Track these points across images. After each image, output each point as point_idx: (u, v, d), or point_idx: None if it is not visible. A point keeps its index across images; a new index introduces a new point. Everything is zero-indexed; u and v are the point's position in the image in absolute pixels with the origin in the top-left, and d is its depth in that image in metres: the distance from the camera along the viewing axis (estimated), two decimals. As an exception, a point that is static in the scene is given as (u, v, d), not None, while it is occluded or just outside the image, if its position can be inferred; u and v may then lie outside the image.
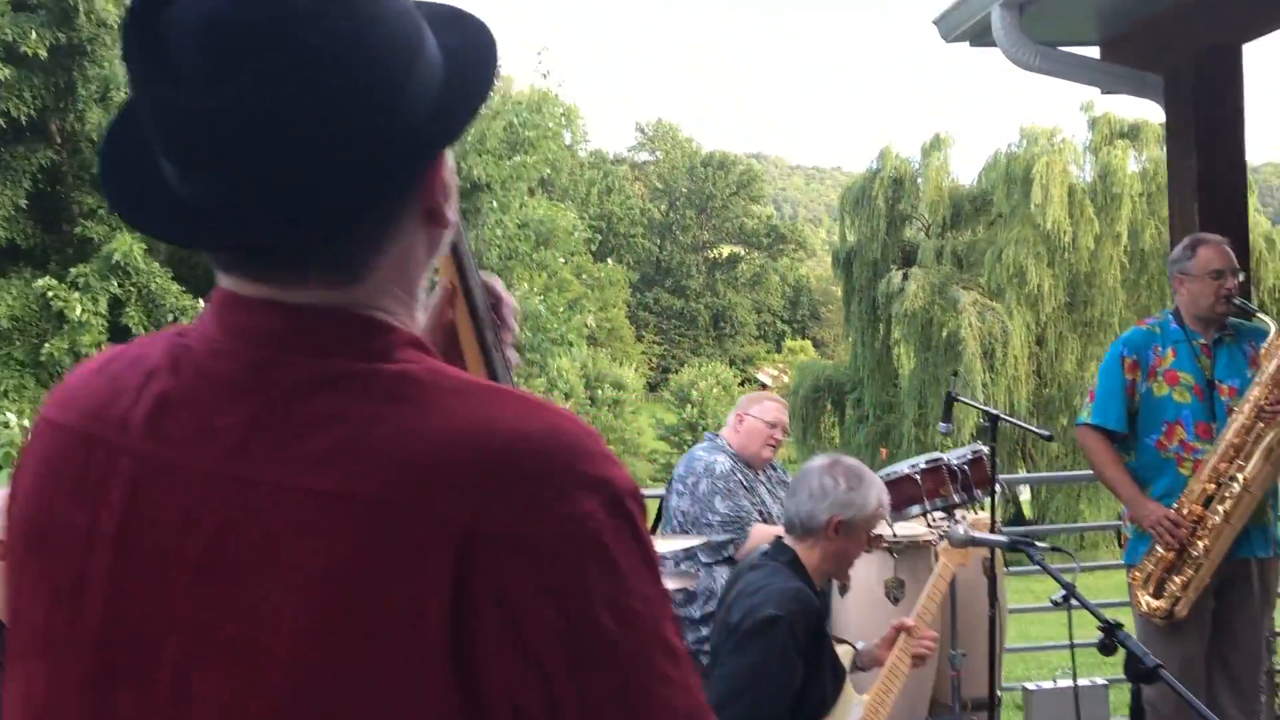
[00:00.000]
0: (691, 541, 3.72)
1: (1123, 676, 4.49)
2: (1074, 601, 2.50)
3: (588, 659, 0.77)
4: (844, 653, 2.91)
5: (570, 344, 13.05)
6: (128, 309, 10.47)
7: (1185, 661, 3.70)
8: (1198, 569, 3.57)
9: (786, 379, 37.36)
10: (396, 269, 0.86)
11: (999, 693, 4.30)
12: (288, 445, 0.78)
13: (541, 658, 0.76)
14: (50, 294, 9.90)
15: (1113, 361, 3.82)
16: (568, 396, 37.85)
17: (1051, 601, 2.62)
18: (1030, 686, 4.74)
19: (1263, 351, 3.59)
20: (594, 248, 51.36)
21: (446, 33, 0.88)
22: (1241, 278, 3.75)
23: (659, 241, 55.66)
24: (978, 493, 3.74)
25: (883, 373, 22.85)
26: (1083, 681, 4.81)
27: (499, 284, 1.25)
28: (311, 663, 0.75)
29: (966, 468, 3.75)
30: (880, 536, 2.97)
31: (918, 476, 3.65)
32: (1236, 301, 3.65)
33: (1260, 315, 3.65)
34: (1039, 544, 2.73)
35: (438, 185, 0.87)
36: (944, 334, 20.37)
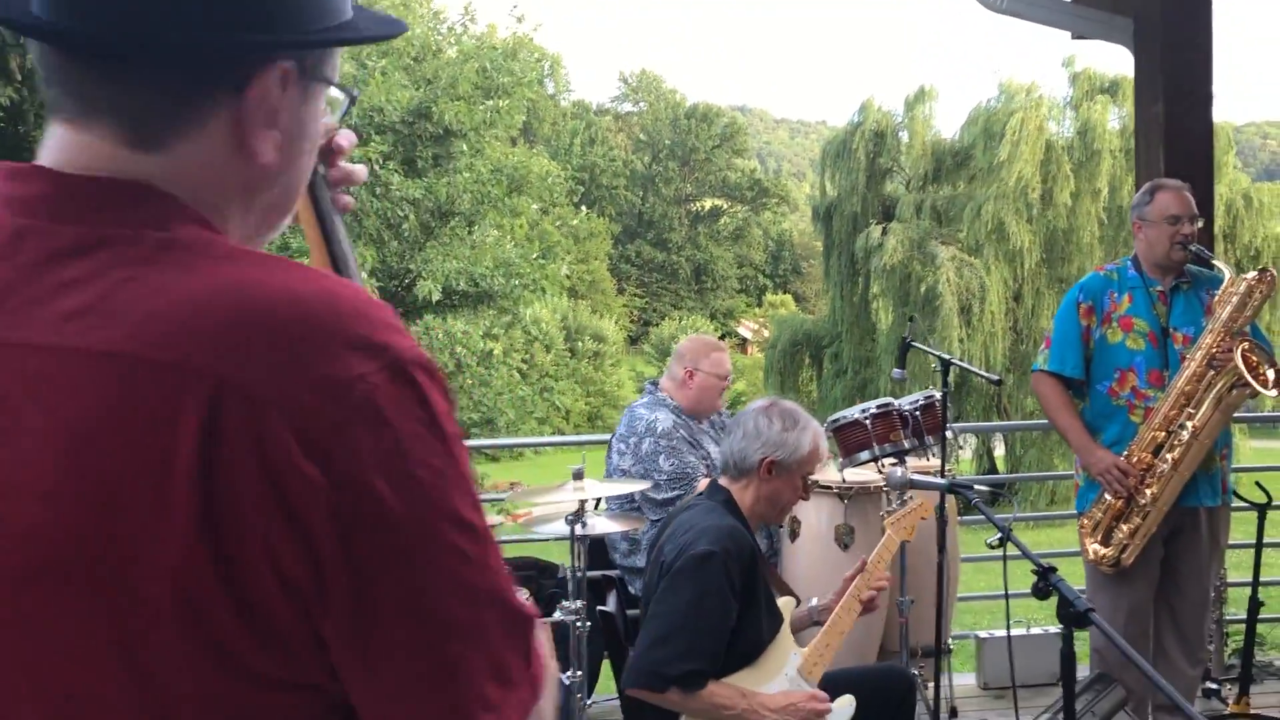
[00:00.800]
0: (636, 486, 3.67)
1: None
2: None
3: (360, 526, 0.73)
4: (787, 603, 2.86)
5: (544, 290, 12.92)
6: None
7: (1132, 609, 3.70)
8: (1145, 517, 3.55)
9: (767, 333, 37.31)
10: (200, 170, 0.82)
11: (950, 641, 4.31)
12: (37, 307, 0.75)
13: (306, 522, 0.72)
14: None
15: (1069, 307, 3.77)
16: (548, 348, 37.92)
17: (987, 545, 2.58)
18: (983, 635, 4.74)
19: (1216, 298, 3.55)
20: (576, 199, 51.17)
21: None
22: (1201, 224, 3.69)
23: (641, 194, 55.30)
24: (929, 439, 3.69)
25: (861, 327, 22.80)
26: (1037, 630, 4.83)
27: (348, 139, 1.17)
28: (52, 526, 0.72)
29: (918, 413, 3.70)
30: (817, 483, 2.91)
31: (867, 421, 3.60)
32: (1193, 248, 3.59)
33: (1217, 262, 3.59)
34: (979, 488, 2.68)
35: (254, 108, 0.83)
36: (922, 289, 20.30)
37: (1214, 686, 4.39)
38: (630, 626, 2.70)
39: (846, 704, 2.66)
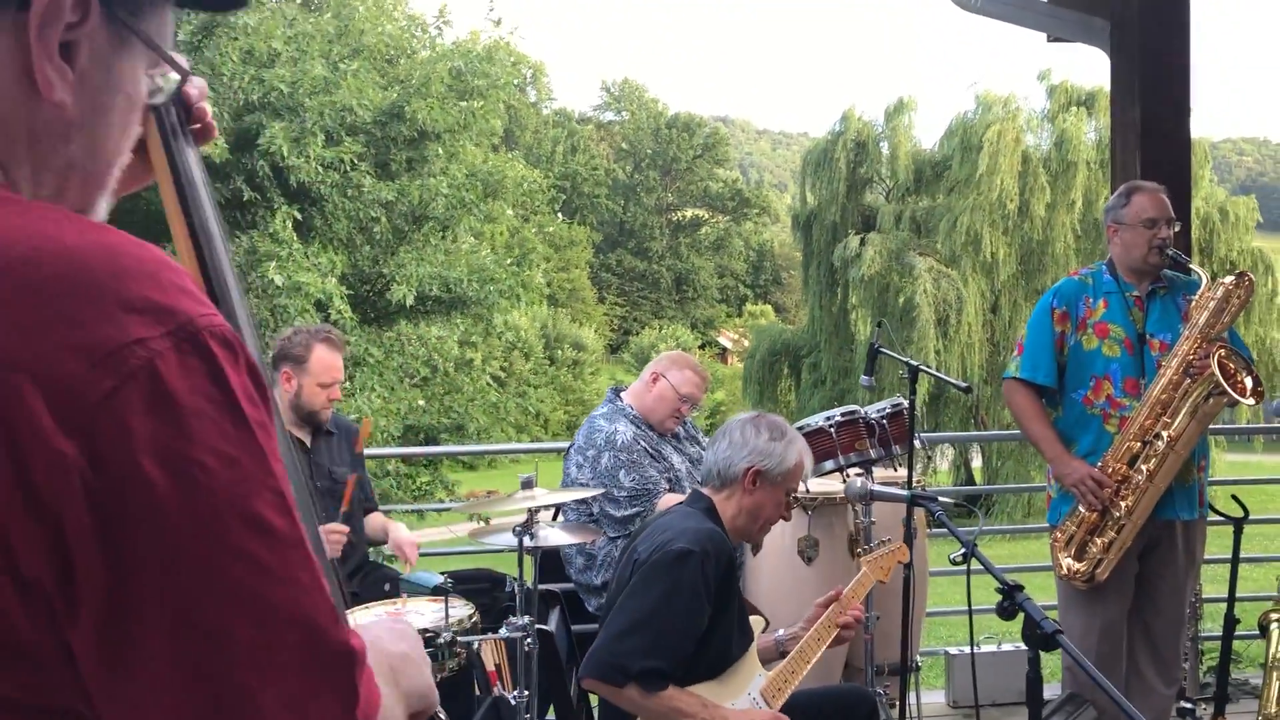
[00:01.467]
0: (589, 492, 3.52)
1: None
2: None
3: (124, 519, 0.60)
4: (756, 622, 2.73)
5: (518, 297, 12.75)
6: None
7: (1106, 626, 3.57)
8: (1120, 530, 3.42)
9: (747, 343, 37.28)
10: None
11: (917, 658, 4.16)
12: None
13: (56, 510, 0.59)
14: None
15: (1042, 313, 3.64)
16: (527, 356, 37.76)
17: (950, 561, 2.45)
18: (953, 651, 4.61)
19: (1193, 304, 3.43)
20: (558, 206, 51.01)
21: None
22: (1178, 228, 3.57)
23: (623, 203, 55.20)
24: (896, 448, 3.55)
25: (840, 337, 22.73)
26: (1009, 646, 4.71)
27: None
28: None
29: (885, 422, 3.56)
30: (798, 499, 2.78)
31: (832, 430, 3.45)
32: (1170, 252, 3.47)
33: (1194, 267, 3.47)
34: (944, 500, 2.55)
35: (42, 28, 0.69)
36: (900, 300, 20.26)
37: (1189, 706, 4.26)
38: (575, 647, 2.55)
39: (759, 673, 2.53)
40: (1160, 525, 3.51)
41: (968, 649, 4.57)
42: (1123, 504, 3.40)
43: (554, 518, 4.30)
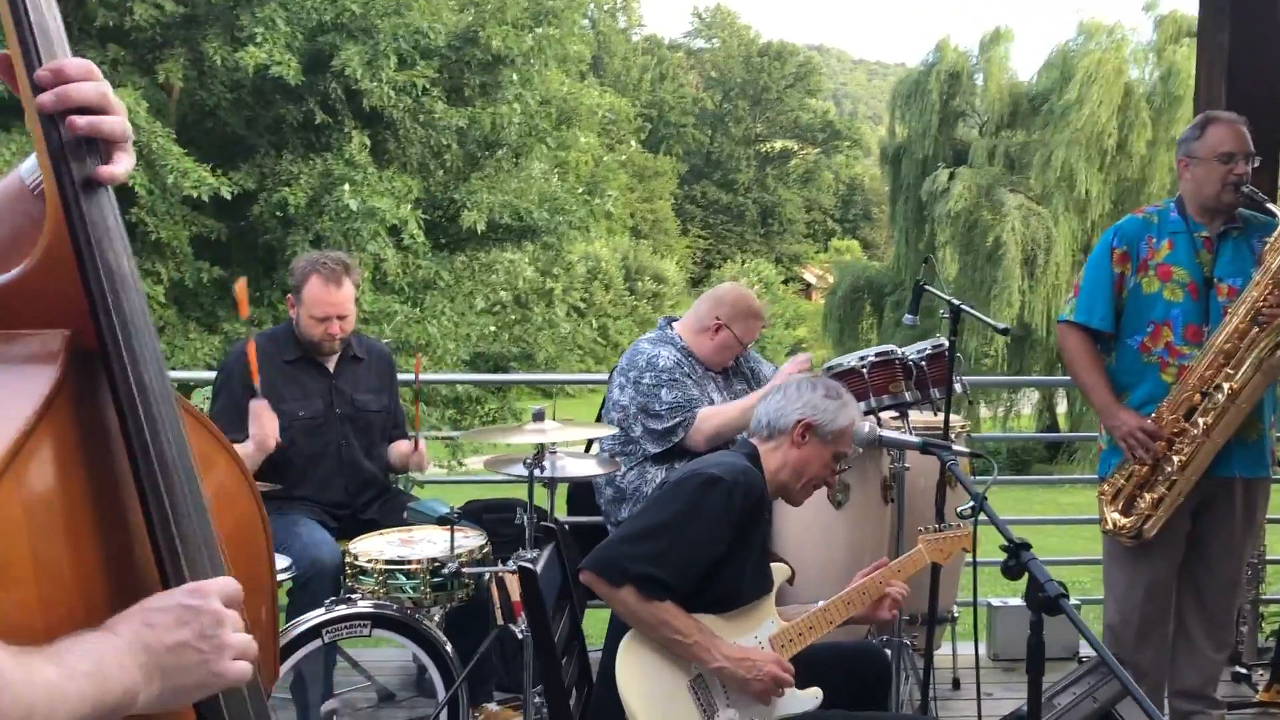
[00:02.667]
0: (601, 431, 3.44)
1: (1094, 597, 4.19)
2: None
3: None
4: (780, 569, 2.62)
5: (588, 229, 12.61)
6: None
7: (1151, 586, 3.38)
8: (1171, 486, 3.21)
9: (830, 279, 36.73)
10: None
11: (954, 609, 4.02)
12: None
13: None
14: (49, 152, 9.64)
15: (1101, 253, 3.40)
16: (608, 287, 37.72)
17: (958, 515, 2.30)
18: (995, 603, 4.45)
19: (1267, 246, 3.15)
20: (644, 136, 50.47)
21: None
22: (1258, 163, 3.28)
23: (710, 133, 54.41)
24: (935, 392, 3.37)
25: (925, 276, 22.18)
26: (1054, 600, 4.52)
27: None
28: None
29: (924, 363, 3.37)
30: (844, 471, 2.65)
31: (865, 370, 3.28)
32: (1245, 189, 3.19)
33: (1273, 206, 3.18)
34: (958, 448, 2.39)
35: None
36: (988, 239, 19.64)
37: (1244, 671, 4.06)
38: (570, 580, 2.47)
39: (811, 696, 2.42)
40: (1217, 483, 3.28)
41: (1011, 601, 4.41)
42: (1175, 459, 3.18)
43: (586, 449, 4.23)
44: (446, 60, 11.86)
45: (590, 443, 4.29)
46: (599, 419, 4.07)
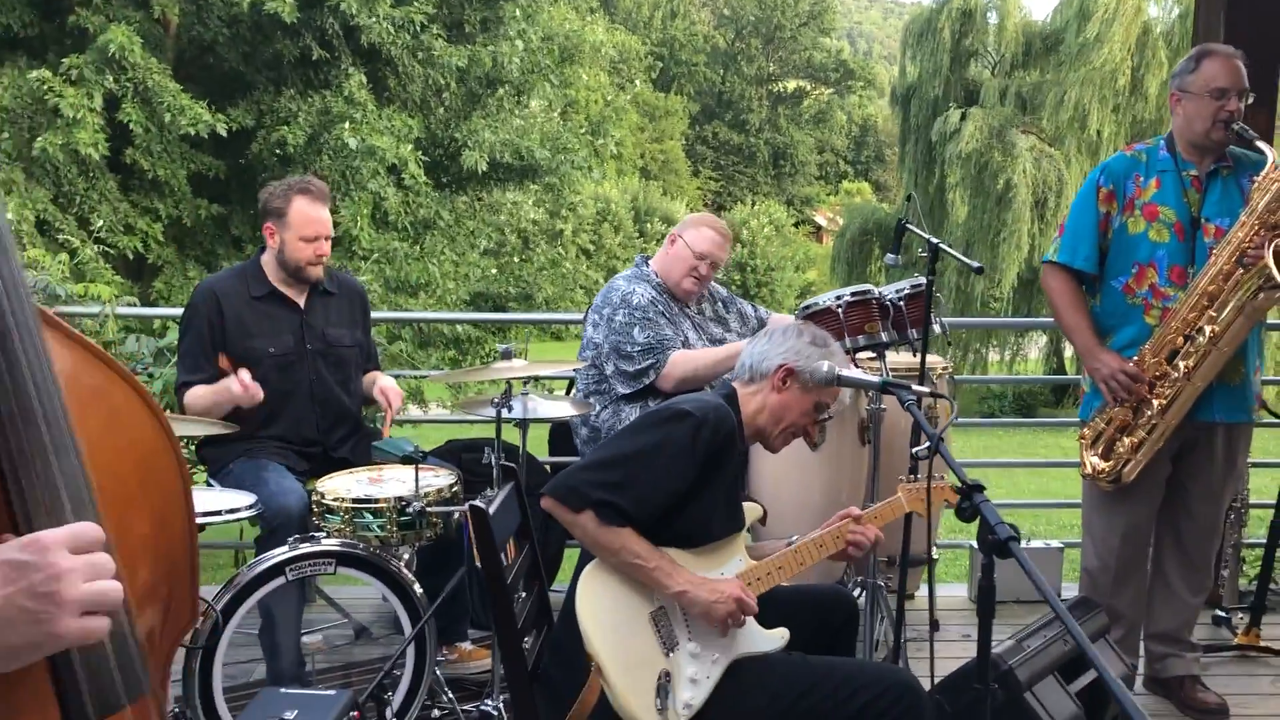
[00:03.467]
0: (558, 369, 3.40)
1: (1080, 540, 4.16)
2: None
3: None
4: (752, 509, 2.57)
5: (590, 169, 12.44)
6: (124, 105, 10.09)
7: (1129, 529, 3.36)
8: (1151, 430, 3.16)
9: (841, 222, 36.43)
10: None
11: (934, 550, 3.99)
12: None
13: None
14: (44, 87, 9.56)
15: (1088, 192, 3.32)
16: (617, 229, 37.50)
17: (913, 455, 2.26)
18: (976, 545, 4.43)
19: (1255, 186, 3.07)
20: (654, 75, 49.80)
21: None
22: (1251, 100, 3.18)
23: (721, 72, 53.66)
24: (913, 332, 3.31)
25: (934, 218, 21.88)
26: (1037, 543, 4.52)
27: None
28: None
29: (901, 303, 3.31)
30: (825, 421, 2.59)
31: (840, 310, 3.22)
32: (1236, 126, 3.10)
33: (1262, 144, 3.09)
34: (918, 388, 2.34)
35: None
36: (1000, 181, 19.38)
37: (1225, 615, 4.05)
38: (528, 520, 2.44)
39: (778, 635, 2.39)
40: (1198, 427, 3.24)
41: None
42: (1156, 402, 3.13)
43: (568, 392, 4.20)
44: (446, -5, 11.67)
45: (571, 383, 4.26)
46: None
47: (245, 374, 3.14)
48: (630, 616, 2.25)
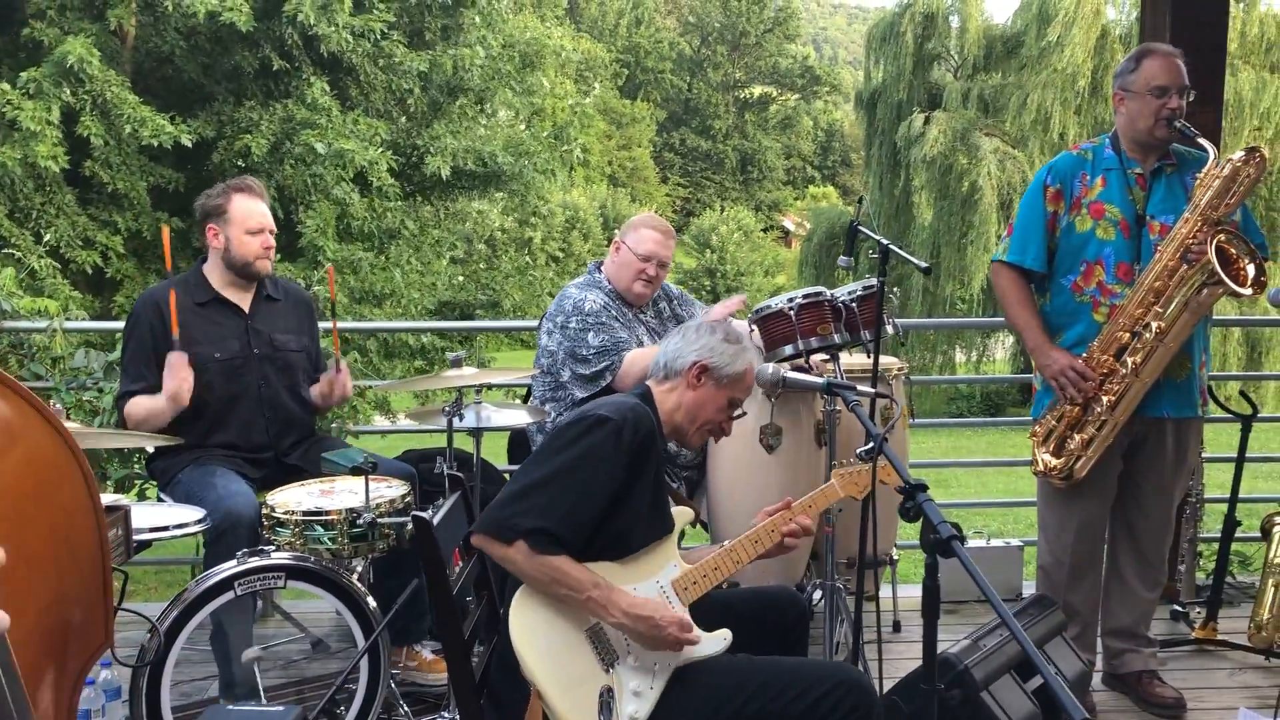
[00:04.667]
0: (513, 375, 3.38)
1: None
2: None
3: None
4: (682, 513, 2.54)
5: (553, 173, 12.42)
6: (83, 118, 9.97)
7: (1083, 525, 3.37)
8: (1101, 427, 3.18)
9: (809, 225, 36.60)
10: None
11: (893, 551, 4.01)
12: None
13: None
14: (2, 99, 9.43)
15: (1035, 191, 3.35)
16: (586, 236, 37.50)
17: (857, 455, 2.26)
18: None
19: (1197, 182, 3.10)
20: (621, 82, 49.86)
21: None
22: (1192, 98, 3.21)
23: (688, 79, 53.83)
24: (866, 334, 3.32)
25: (900, 221, 22.04)
26: (998, 542, 4.53)
27: None
28: None
29: (854, 305, 3.31)
30: (733, 420, 2.57)
31: (792, 313, 3.22)
32: (1178, 124, 3.13)
33: (1203, 141, 3.12)
34: (863, 388, 2.34)
35: None
36: (964, 184, 19.53)
37: (1181, 610, 4.08)
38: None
39: (720, 638, 2.35)
40: (1148, 422, 3.27)
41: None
42: (1105, 399, 3.15)
43: (526, 399, 4.18)
44: (406, 3, 11.61)
45: (529, 391, 4.24)
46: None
47: (174, 356, 3.10)
48: (565, 636, 2.22)
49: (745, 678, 2.26)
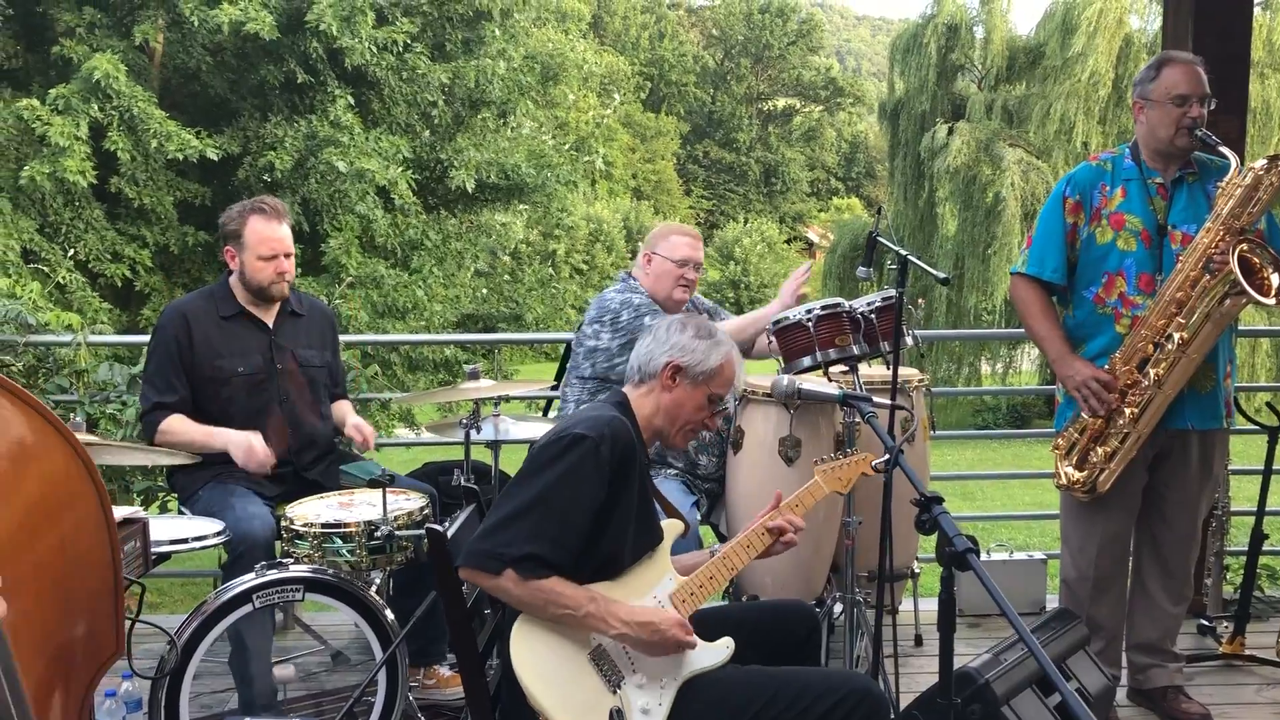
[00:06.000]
0: (530, 388, 3.37)
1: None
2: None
3: None
4: (673, 525, 2.51)
5: (575, 184, 12.44)
6: (110, 134, 10.10)
7: (1106, 540, 3.33)
8: (1124, 439, 3.15)
9: (833, 237, 36.51)
10: None
11: (915, 564, 3.97)
12: None
13: None
14: (29, 116, 9.57)
15: (1054, 203, 3.32)
16: (609, 249, 37.56)
17: (873, 469, 2.24)
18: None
19: (1219, 191, 3.07)
20: (644, 95, 49.99)
21: None
22: (1213, 106, 3.18)
23: (711, 92, 53.92)
24: (884, 345, 3.29)
25: (924, 232, 21.97)
26: (1020, 555, 4.49)
27: None
28: None
29: (873, 316, 3.29)
30: (725, 411, 2.53)
31: (810, 324, 3.21)
32: (1199, 133, 3.10)
33: (1225, 149, 3.08)
34: (879, 400, 2.32)
35: None
36: (988, 195, 19.43)
37: (1209, 624, 4.02)
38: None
39: (722, 646, 2.32)
40: (1172, 435, 3.23)
41: (981, 556, 4.37)
42: (1128, 411, 3.12)
43: (546, 412, 4.18)
44: (428, 17, 11.69)
45: (548, 405, 4.24)
46: (556, 385, 4.01)
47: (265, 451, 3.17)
48: (569, 662, 2.19)
49: (755, 690, 2.23)
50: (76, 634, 1.17)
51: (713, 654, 2.30)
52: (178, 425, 3.23)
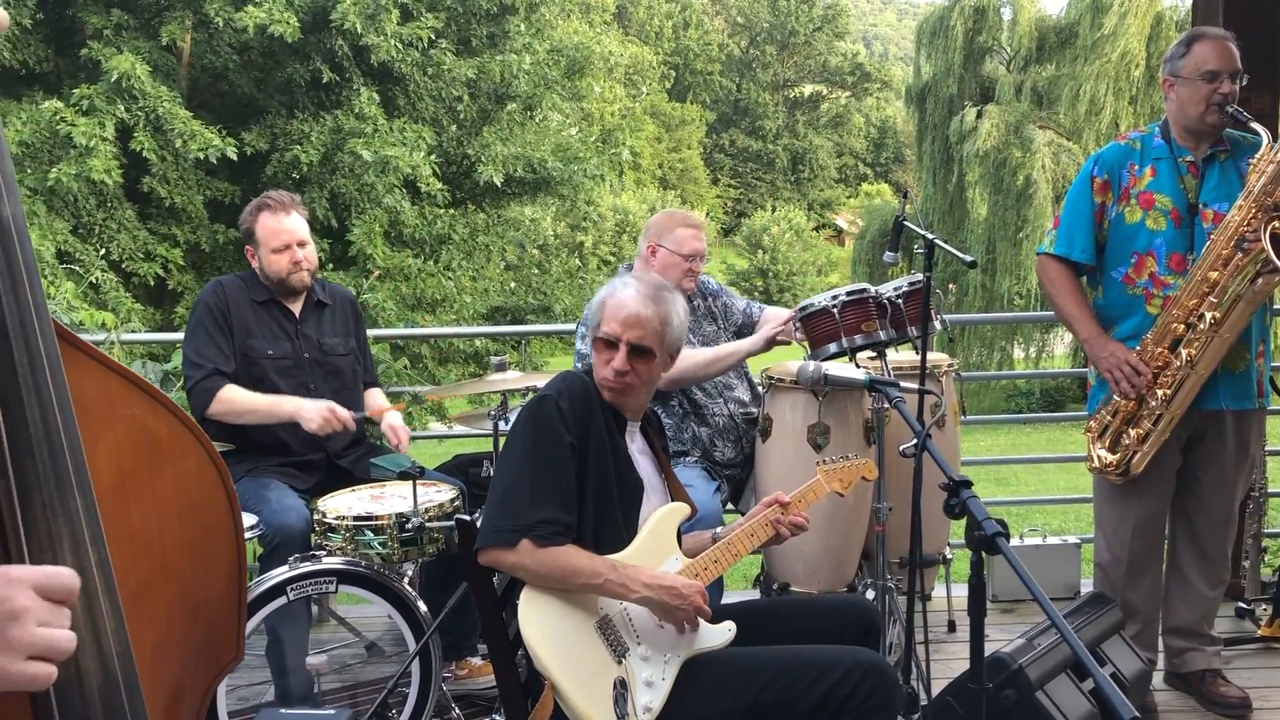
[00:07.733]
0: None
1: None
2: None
3: None
4: (680, 508, 2.50)
5: (602, 177, 12.46)
6: (136, 134, 10.22)
7: (1141, 522, 3.30)
8: (1157, 421, 3.11)
9: (862, 223, 36.28)
10: None
11: (946, 550, 3.95)
12: None
13: None
14: (57, 117, 9.68)
15: (1082, 183, 3.28)
16: (636, 240, 37.55)
17: (900, 453, 2.23)
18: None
19: (1251, 167, 3.02)
20: (669, 85, 49.90)
21: None
22: (1245, 82, 3.13)
23: (737, 80, 53.72)
24: (912, 330, 3.27)
25: (954, 217, 21.80)
26: (1054, 540, 4.45)
27: None
28: None
29: (900, 301, 3.27)
30: (610, 363, 2.51)
31: (836, 310, 3.19)
32: (1230, 110, 3.05)
33: (1257, 125, 3.03)
34: (905, 384, 2.31)
35: None
36: (1019, 178, 19.24)
37: (1247, 606, 3.98)
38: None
39: (725, 628, 2.34)
40: (1206, 415, 3.19)
41: (1015, 541, 4.34)
42: (1160, 392, 3.08)
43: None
44: (453, 13, 11.72)
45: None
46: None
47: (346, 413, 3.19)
48: (576, 629, 2.20)
49: (759, 667, 2.23)
50: (201, 637, 1.19)
51: (716, 634, 2.32)
52: (237, 393, 3.24)
